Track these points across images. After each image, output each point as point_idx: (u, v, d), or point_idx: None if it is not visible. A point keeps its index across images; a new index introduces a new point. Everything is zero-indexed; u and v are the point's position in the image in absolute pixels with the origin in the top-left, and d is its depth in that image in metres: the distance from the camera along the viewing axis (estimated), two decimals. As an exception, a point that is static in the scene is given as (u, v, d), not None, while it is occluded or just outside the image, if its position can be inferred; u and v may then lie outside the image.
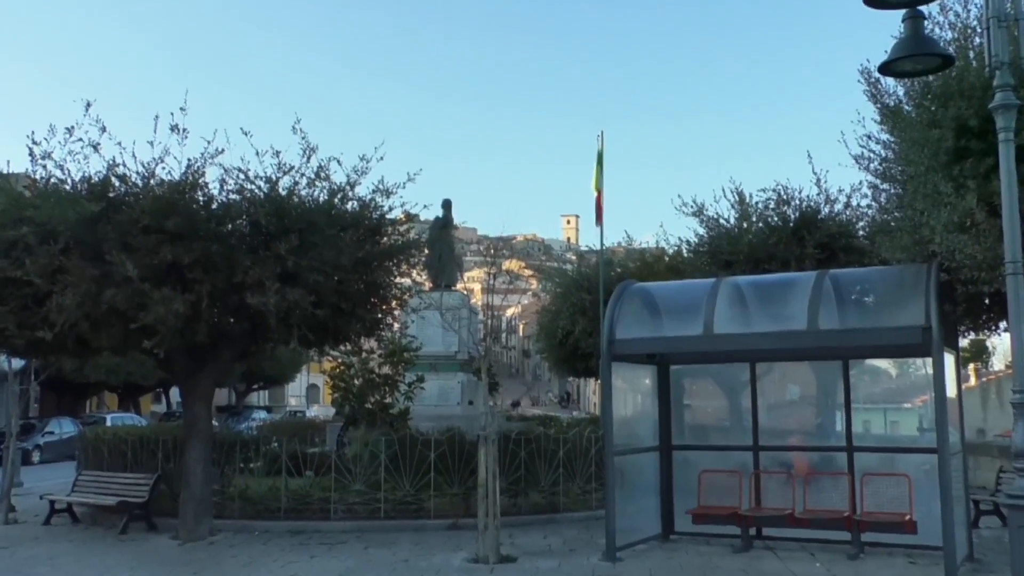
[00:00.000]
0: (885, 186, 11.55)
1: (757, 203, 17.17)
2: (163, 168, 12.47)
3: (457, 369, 21.55)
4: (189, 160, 12.41)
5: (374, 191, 13.31)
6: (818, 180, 17.03)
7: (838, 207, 16.60)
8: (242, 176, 12.60)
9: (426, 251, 18.44)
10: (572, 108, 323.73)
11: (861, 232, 15.98)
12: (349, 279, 12.90)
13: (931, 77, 9.33)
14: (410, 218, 13.87)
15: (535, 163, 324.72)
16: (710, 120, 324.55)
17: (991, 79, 7.59)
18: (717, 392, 14.45)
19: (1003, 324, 11.53)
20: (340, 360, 17.34)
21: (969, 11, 9.93)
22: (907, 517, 10.79)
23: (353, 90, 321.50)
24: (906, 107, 10.37)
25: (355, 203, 13.35)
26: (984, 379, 41.29)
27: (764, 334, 11.54)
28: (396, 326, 15.84)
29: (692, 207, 17.39)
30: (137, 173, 12.38)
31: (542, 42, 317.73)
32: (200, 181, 12.42)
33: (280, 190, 12.74)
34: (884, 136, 11.16)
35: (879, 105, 10.85)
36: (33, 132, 12.40)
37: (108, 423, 30.45)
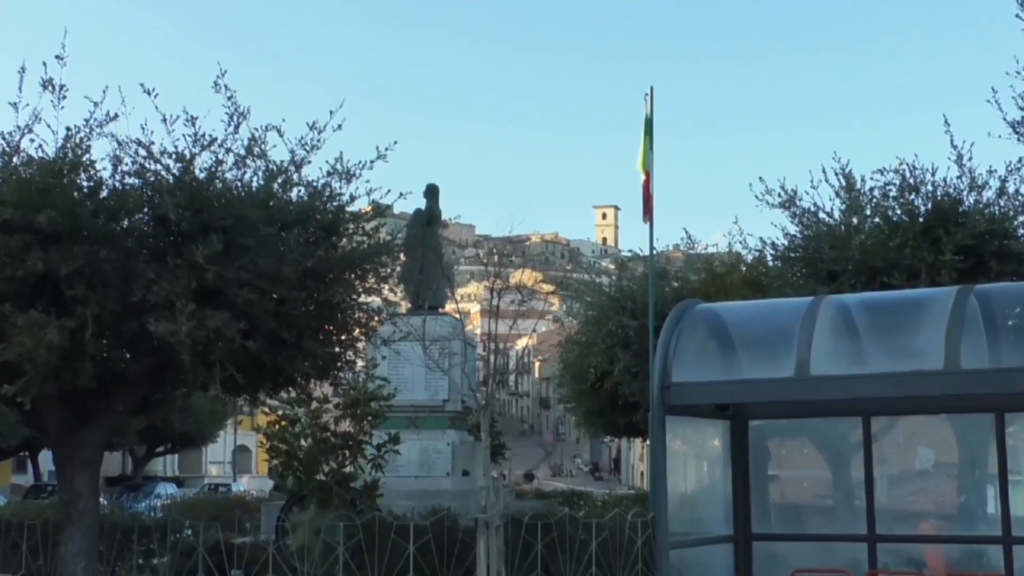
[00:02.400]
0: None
1: (872, 190, 17.25)
2: (32, 141, 12.57)
3: (446, 425, 21.67)
4: (68, 130, 12.51)
5: (329, 173, 13.44)
6: (959, 157, 17.02)
7: (988, 195, 16.68)
8: (143, 152, 12.70)
9: (403, 258, 18.62)
10: (609, 58, 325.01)
11: (1022, 230, 16.11)
12: (294, 297, 12.97)
13: None
14: (380, 211, 14.01)
15: (557, 134, 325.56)
16: (799, 70, 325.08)
17: None
18: (816, 458, 14.44)
19: None
20: (280, 413, 17.22)
21: None
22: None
23: (321, 33, 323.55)
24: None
25: (302, 190, 13.45)
26: None
27: (882, 376, 11.55)
28: (360, 364, 15.86)
29: (779, 195, 17.52)
30: (-9, 148, 12.53)
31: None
32: (84, 159, 12.50)
33: (196, 172, 12.86)
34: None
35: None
36: None
37: (-51, 502, 30.53)
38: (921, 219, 16.57)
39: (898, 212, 16.79)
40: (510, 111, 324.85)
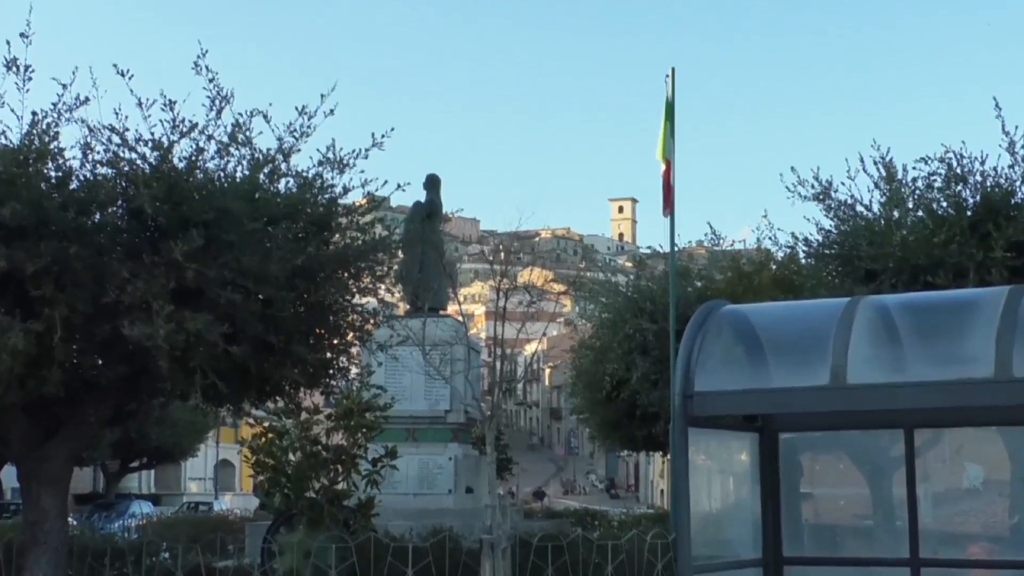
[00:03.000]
0: None
1: (915, 180, 17.20)
2: (-7, 128, 12.61)
3: (448, 438, 21.89)
4: (35, 115, 12.61)
5: (321, 163, 13.60)
6: (1011, 144, 16.94)
7: (1044, 186, 16.58)
8: (117, 140, 12.79)
9: (401, 255, 18.61)
10: (626, 37, 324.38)
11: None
12: (282, 298, 13.05)
13: None
14: (376, 204, 14.19)
15: (569, 121, 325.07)
16: (835, 49, 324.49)
17: None
18: (853, 474, 13.98)
19: None
20: (267, 424, 17.33)
21: None
22: None
23: (311, 8, 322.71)
24: None
25: (291, 181, 13.63)
26: None
27: (926, 385, 11.23)
28: (354, 371, 15.95)
29: (813, 186, 17.55)
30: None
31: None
32: (52, 147, 12.60)
33: (175, 161, 12.94)
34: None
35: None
36: None
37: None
38: (969, 212, 16.48)
39: (944, 205, 16.73)
40: (517, 96, 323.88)
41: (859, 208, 17.37)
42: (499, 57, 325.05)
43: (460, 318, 21.32)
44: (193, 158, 13.03)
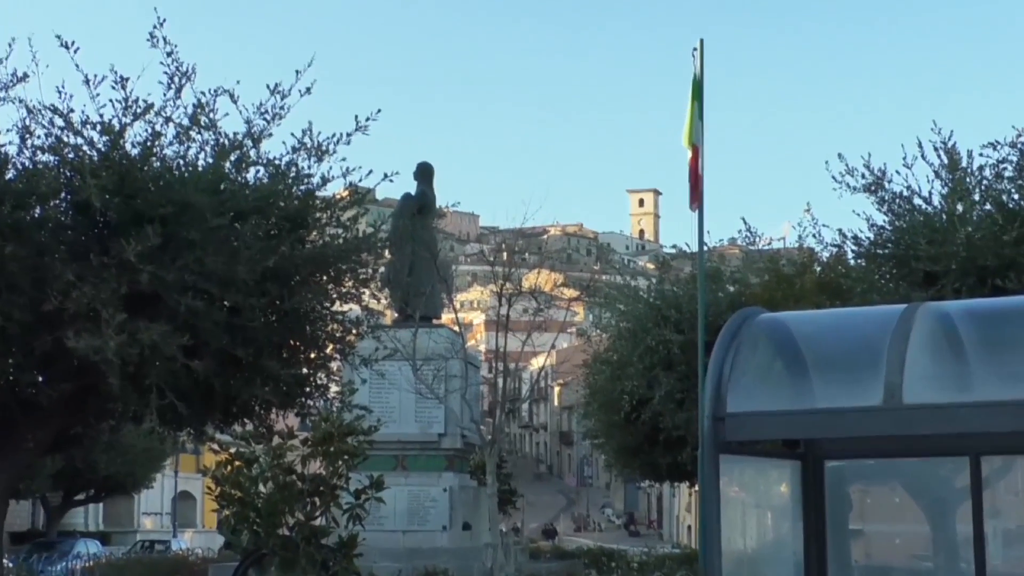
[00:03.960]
0: None
1: (982, 169, 17.19)
2: (-81, 110, 12.77)
3: (442, 466, 21.79)
4: (-37, 96, 12.52)
5: (296, 149, 13.67)
6: (1095, 123, 16.92)
7: None
8: (60, 122, 12.84)
9: (388, 255, 18.53)
10: (648, 8, 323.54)
11: None
12: (251, 305, 13.07)
13: None
14: (359, 197, 14.23)
15: (581, 103, 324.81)
16: (886, 21, 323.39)
17: None
18: (910, 508, 13.95)
19: None
20: (233, 451, 16.68)
21: None
22: None
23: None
24: None
25: (261, 170, 13.72)
26: None
27: (995, 406, 10.97)
28: (334, 389, 15.85)
29: (863, 176, 17.54)
30: None
31: None
32: (-15, 132, 12.48)
33: (127, 147, 13.02)
34: None
35: None
36: None
37: None
38: (1045, 206, 16.38)
39: (1015, 197, 16.70)
40: (521, 78, 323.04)
41: (917, 201, 17.36)
42: (503, 35, 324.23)
43: (456, 328, 21.23)
44: (148, 144, 13.07)
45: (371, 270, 14.73)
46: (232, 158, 13.42)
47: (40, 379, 13.41)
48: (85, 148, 12.76)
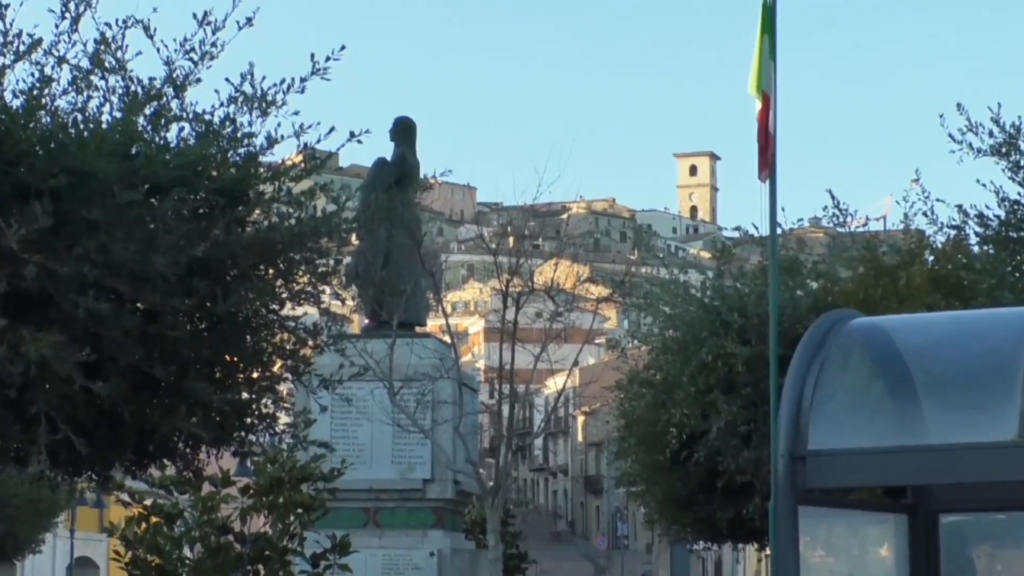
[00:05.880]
0: None
1: None
2: None
3: (429, 522, 21.01)
4: None
5: (233, 99, 12.45)
6: None
7: None
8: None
9: (356, 241, 18.33)
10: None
11: None
12: (173, 309, 11.95)
13: None
14: (317, 163, 13.36)
15: (611, 40, 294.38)
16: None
17: None
18: None
19: None
20: (149, 503, 16.49)
21: None
22: None
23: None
24: None
25: (187, 128, 12.48)
26: None
27: None
28: (284, 420, 14.88)
29: (991, 134, 17.03)
30: None
31: None
32: None
33: (7, 97, 11.85)
34: None
35: None
36: None
37: None
38: None
39: None
40: (529, 8, 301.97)
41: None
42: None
43: (447, 338, 21.08)
44: (35, 92, 11.84)
45: (333, 261, 13.60)
46: (147, 112, 12.13)
47: None
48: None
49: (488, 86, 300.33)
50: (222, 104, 12.52)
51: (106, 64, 12.08)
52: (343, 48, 12.69)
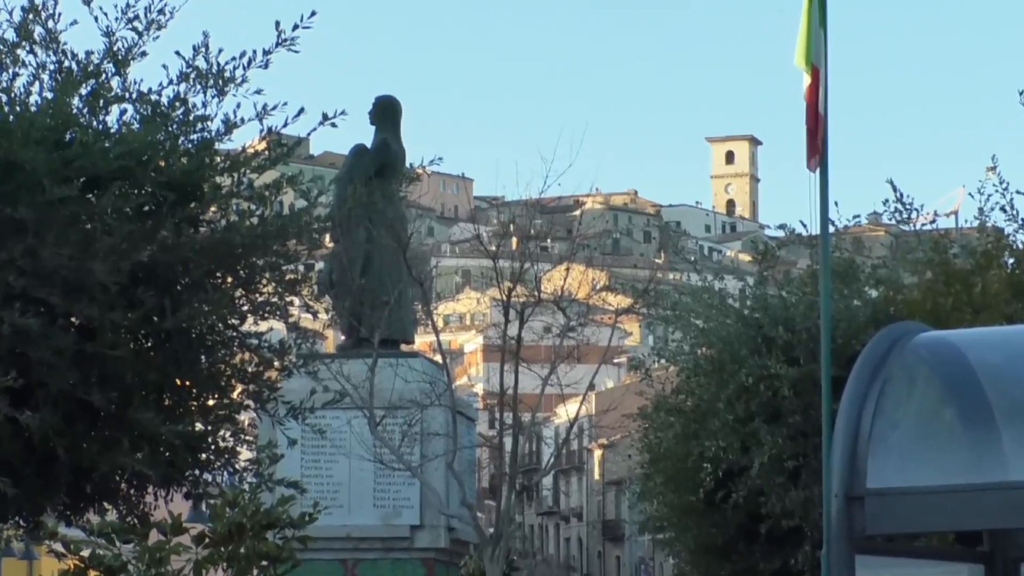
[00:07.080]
0: None
1: None
2: None
3: (418, 575, 20.03)
4: None
5: (185, 76, 11.87)
6: None
7: None
8: None
9: (330, 243, 17.84)
10: None
11: None
12: (114, 324, 11.47)
13: None
14: (283, 151, 12.46)
15: (631, 9, 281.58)
16: None
17: None
18: None
19: None
20: (86, 553, 15.74)
21: None
22: None
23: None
24: None
25: (130, 110, 11.92)
26: None
27: None
28: (245, 456, 14.15)
29: None
30: None
31: None
32: None
33: None
34: None
35: None
36: None
37: None
38: None
39: None
40: None
41: None
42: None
43: (438, 358, 20.41)
44: None
45: (303, 267, 13.18)
46: (84, 91, 11.59)
47: None
48: None
49: (486, 59, 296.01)
50: (171, 82, 11.79)
51: (35, 36, 11.54)
52: (313, 14, 11.87)
